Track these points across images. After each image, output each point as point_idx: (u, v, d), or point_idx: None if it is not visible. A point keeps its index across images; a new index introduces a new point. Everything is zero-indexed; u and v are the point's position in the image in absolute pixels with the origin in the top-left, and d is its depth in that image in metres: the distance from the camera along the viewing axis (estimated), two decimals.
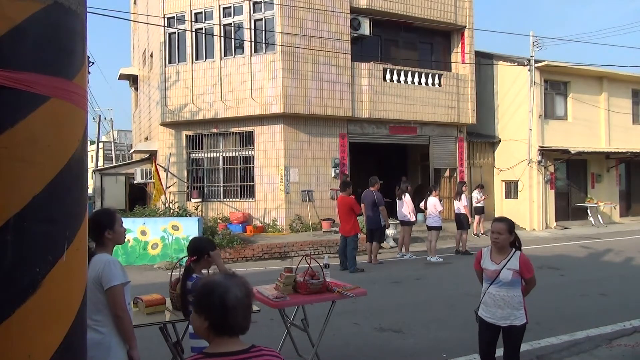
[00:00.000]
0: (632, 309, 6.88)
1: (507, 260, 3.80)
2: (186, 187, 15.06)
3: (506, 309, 3.77)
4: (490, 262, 3.90)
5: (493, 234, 3.85)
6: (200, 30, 14.79)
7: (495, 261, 3.86)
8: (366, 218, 10.92)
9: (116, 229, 3.03)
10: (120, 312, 2.84)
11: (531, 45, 17.22)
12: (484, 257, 3.97)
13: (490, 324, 3.85)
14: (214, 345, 1.77)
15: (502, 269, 3.78)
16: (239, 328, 1.78)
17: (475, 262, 4.11)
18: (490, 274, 3.85)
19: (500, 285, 3.78)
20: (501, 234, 3.81)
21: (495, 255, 3.89)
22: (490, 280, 3.85)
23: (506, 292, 3.77)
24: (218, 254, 3.60)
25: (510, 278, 3.74)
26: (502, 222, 3.89)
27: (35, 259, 1.46)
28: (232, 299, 1.75)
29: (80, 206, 1.64)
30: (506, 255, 3.83)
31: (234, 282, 1.81)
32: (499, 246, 3.84)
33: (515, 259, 3.80)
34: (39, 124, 1.48)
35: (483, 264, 3.95)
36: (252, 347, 1.80)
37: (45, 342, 1.49)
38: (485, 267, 3.91)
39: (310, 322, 5.05)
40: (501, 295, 3.78)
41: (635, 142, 19.40)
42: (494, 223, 3.92)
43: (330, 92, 14.37)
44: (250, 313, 1.81)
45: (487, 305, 3.88)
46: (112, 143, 36.00)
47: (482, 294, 3.96)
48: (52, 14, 1.52)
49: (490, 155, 18.56)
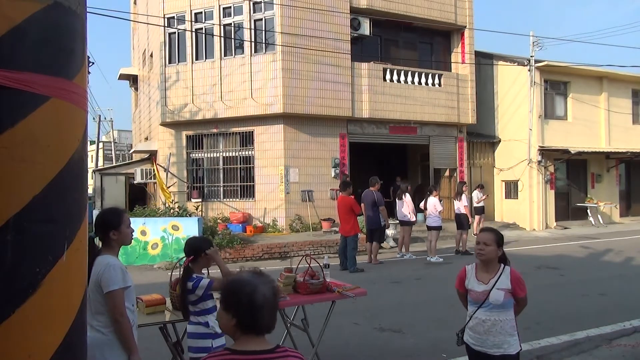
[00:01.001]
0: (632, 309, 6.88)
1: (496, 279, 3.26)
2: (186, 187, 15.06)
3: (498, 336, 3.23)
4: (476, 281, 3.34)
5: (478, 246, 3.32)
6: (200, 30, 14.79)
7: (483, 280, 3.31)
8: (366, 218, 10.92)
9: (122, 230, 2.97)
10: (118, 316, 2.80)
11: (531, 45, 17.23)
12: (469, 276, 3.42)
13: (480, 352, 3.31)
14: (240, 343, 1.77)
15: (491, 290, 3.24)
16: (266, 327, 1.77)
17: (457, 282, 3.52)
18: (478, 295, 3.30)
19: (491, 308, 3.24)
20: (488, 245, 3.28)
21: (482, 273, 3.35)
22: (478, 303, 3.30)
23: (497, 315, 3.23)
24: (216, 251, 3.59)
25: (502, 299, 3.21)
26: (489, 232, 3.36)
27: (35, 259, 1.46)
28: (260, 297, 1.74)
29: (80, 206, 1.64)
30: (495, 272, 3.29)
31: (262, 280, 1.80)
32: (484, 259, 3.30)
33: (506, 276, 3.27)
34: (39, 124, 1.48)
35: (468, 285, 3.40)
36: (278, 347, 1.79)
37: (45, 342, 1.49)
38: (471, 289, 3.36)
39: (310, 322, 5.05)
40: (492, 321, 3.24)
41: (635, 142, 19.40)
42: (480, 233, 3.41)
43: (330, 92, 14.38)
44: (276, 312, 1.80)
45: (475, 332, 3.33)
46: (112, 143, 36.01)
47: (468, 318, 3.40)
48: (52, 14, 1.52)
49: (490, 155, 18.56)
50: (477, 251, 3.32)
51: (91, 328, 2.80)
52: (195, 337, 3.44)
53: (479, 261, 3.37)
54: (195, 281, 3.42)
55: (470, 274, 3.41)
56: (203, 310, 3.45)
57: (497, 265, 3.32)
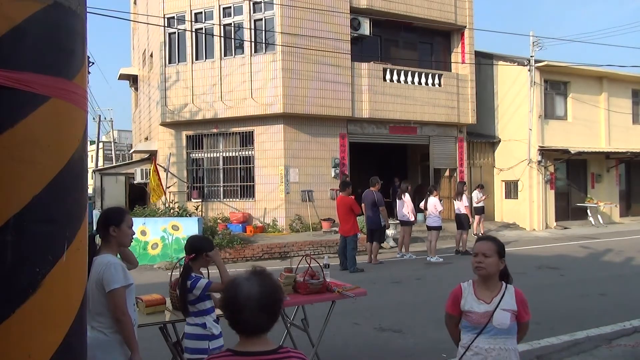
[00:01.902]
0: (632, 309, 6.88)
1: (500, 297, 2.73)
2: (186, 187, 15.06)
3: None
4: (476, 300, 2.76)
5: (476, 258, 2.76)
6: (200, 30, 14.79)
7: (484, 299, 2.74)
8: (366, 218, 10.92)
9: (122, 228, 2.95)
10: (120, 315, 2.80)
11: (531, 45, 17.22)
12: (465, 294, 2.81)
13: None
14: (240, 343, 1.78)
15: (495, 310, 2.69)
16: (251, 327, 1.75)
17: (449, 303, 2.89)
18: (478, 318, 2.72)
19: (495, 334, 2.68)
20: (488, 256, 2.73)
21: (482, 290, 2.78)
22: (478, 328, 2.71)
23: (503, 343, 2.68)
24: (217, 252, 3.59)
25: (508, 322, 2.68)
26: (488, 241, 2.81)
27: (35, 259, 1.46)
28: (242, 298, 1.73)
29: (80, 206, 1.64)
30: (497, 290, 2.76)
31: (252, 280, 1.78)
32: (484, 274, 2.75)
33: (510, 295, 2.74)
34: (39, 124, 1.48)
35: (465, 306, 2.78)
36: (280, 347, 1.78)
37: (45, 342, 1.49)
38: (469, 310, 2.76)
39: (310, 322, 5.05)
40: (497, 350, 2.67)
41: (635, 142, 19.40)
42: (478, 243, 2.83)
43: (330, 92, 14.38)
44: (268, 312, 1.75)
45: None
46: (112, 143, 36.01)
47: (463, 349, 2.78)
48: (52, 14, 1.52)
49: (490, 155, 18.56)
50: (475, 264, 2.76)
51: (92, 329, 2.81)
52: (192, 338, 3.42)
53: (476, 277, 2.82)
54: (193, 280, 3.40)
55: (468, 292, 2.82)
56: (201, 311, 3.44)
57: (499, 282, 2.80)
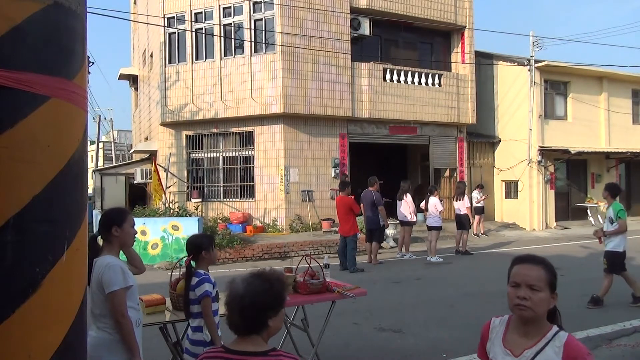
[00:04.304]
0: (632, 308, 6.89)
1: (535, 351, 1.87)
2: (186, 187, 15.06)
3: None
4: (502, 349, 1.96)
5: (518, 291, 1.88)
6: (200, 30, 14.79)
7: (513, 350, 1.92)
8: (365, 218, 10.92)
9: (124, 228, 2.95)
10: (119, 317, 2.78)
11: (531, 45, 17.23)
12: (492, 336, 2.03)
13: None
14: (236, 341, 1.80)
15: None
16: (234, 327, 1.78)
17: (479, 345, 2.09)
18: None
19: None
20: (537, 290, 1.86)
21: (515, 335, 1.95)
22: None
23: None
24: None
25: None
26: (537, 266, 1.92)
27: (35, 259, 1.46)
28: (230, 296, 1.78)
29: (80, 206, 1.64)
30: (539, 337, 1.89)
31: (244, 282, 1.79)
32: (529, 316, 1.87)
33: (555, 349, 1.84)
34: (39, 124, 1.48)
35: (490, 352, 2.01)
36: (273, 350, 1.77)
37: (45, 342, 1.49)
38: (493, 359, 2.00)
39: (310, 322, 5.04)
40: None
41: (635, 142, 19.40)
42: (519, 266, 1.93)
43: (330, 92, 14.38)
44: (246, 316, 1.74)
45: None
46: (112, 143, 36.03)
47: None
48: (52, 14, 1.52)
49: (490, 155, 18.56)
50: (515, 302, 1.88)
51: (98, 329, 2.82)
52: (191, 343, 3.37)
53: (515, 316, 1.97)
54: (199, 280, 3.32)
55: (496, 333, 2.02)
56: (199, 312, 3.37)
57: (545, 326, 1.91)
